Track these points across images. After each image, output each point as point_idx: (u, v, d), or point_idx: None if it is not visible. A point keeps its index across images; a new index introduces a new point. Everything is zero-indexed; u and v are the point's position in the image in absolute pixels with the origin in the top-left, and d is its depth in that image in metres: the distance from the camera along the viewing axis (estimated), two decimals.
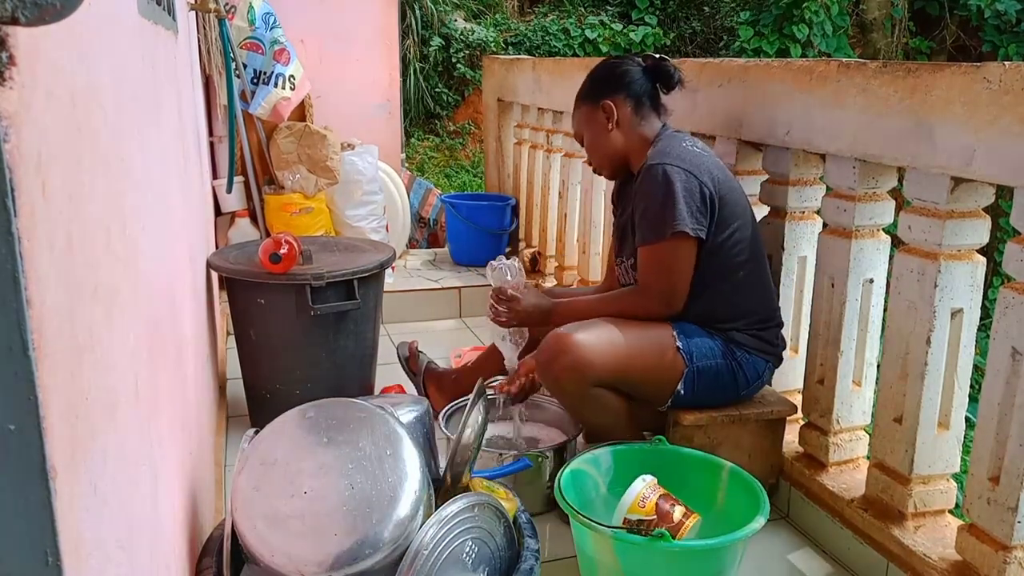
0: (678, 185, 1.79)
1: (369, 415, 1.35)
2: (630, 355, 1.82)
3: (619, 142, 1.99)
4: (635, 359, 1.83)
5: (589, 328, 1.84)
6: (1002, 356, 1.45)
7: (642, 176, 1.87)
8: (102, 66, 0.82)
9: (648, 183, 1.83)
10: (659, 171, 1.81)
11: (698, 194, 1.80)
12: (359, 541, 1.18)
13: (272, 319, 2.19)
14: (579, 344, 1.79)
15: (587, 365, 1.79)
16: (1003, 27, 8.06)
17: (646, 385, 1.88)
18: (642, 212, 1.86)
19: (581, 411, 1.94)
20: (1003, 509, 1.46)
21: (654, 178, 1.81)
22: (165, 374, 1.17)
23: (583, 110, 2.01)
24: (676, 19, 9.03)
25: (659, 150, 1.89)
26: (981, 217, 1.60)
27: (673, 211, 1.78)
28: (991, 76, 1.40)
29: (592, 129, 2.00)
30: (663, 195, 1.79)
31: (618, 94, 1.96)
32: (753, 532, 1.52)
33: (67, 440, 0.55)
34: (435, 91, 8.22)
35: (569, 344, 1.79)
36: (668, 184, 1.79)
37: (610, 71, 1.99)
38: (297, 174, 3.27)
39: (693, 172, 1.81)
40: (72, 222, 0.62)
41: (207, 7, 2.64)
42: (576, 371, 1.79)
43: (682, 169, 1.81)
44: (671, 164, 1.81)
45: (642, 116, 1.98)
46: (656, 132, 1.98)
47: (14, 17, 0.41)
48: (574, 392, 1.84)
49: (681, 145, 1.89)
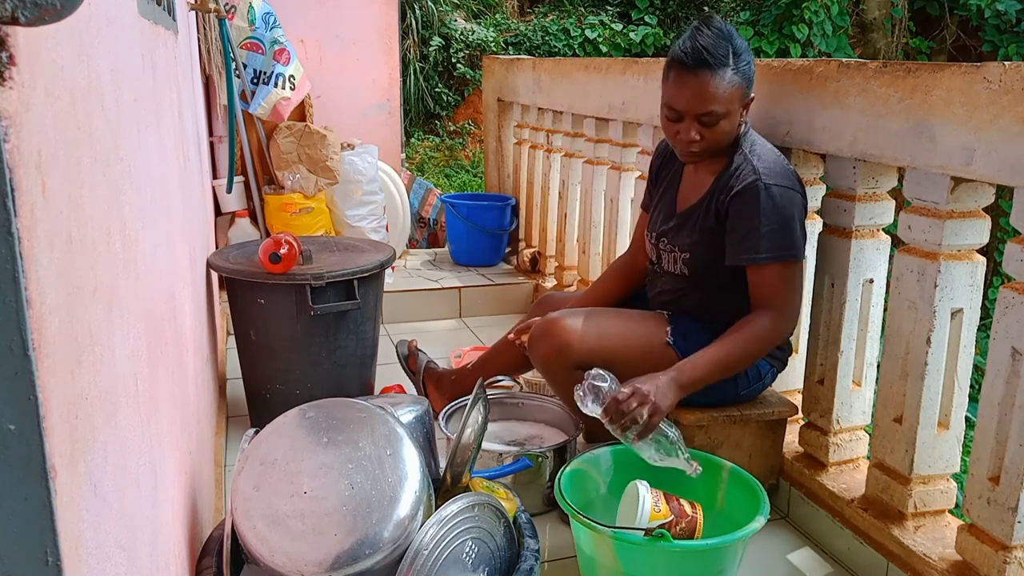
0: (796, 211, 1.76)
1: (369, 415, 1.35)
2: (615, 343, 1.86)
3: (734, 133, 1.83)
4: (620, 347, 1.86)
5: (578, 314, 1.89)
6: (1002, 356, 1.45)
7: (754, 192, 1.74)
8: (102, 66, 0.82)
9: (765, 202, 1.73)
10: (776, 192, 1.74)
11: (804, 216, 1.80)
12: (359, 541, 1.18)
13: (272, 319, 2.19)
14: (564, 328, 1.85)
15: (569, 348, 1.83)
16: (1003, 27, 8.06)
17: (634, 375, 1.88)
18: (757, 228, 1.74)
19: (567, 394, 1.94)
20: (1003, 509, 1.46)
21: (772, 198, 1.73)
22: (165, 374, 1.17)
23: (738, 92, 1.74)
24: (676, 19, 9.03)
25: (761, 160, 1.78)
26: (981, 217, 1.60)
27: (794, 236, 1.75)
28: (991, 76, 1.40)
29: (732, 110, 1.76)
30: (785, 218, 1.74)
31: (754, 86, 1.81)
32: (753, 532, 1.52)
33: (67, 440, 0.55)
34: (435, 91, 8.22)
35: (555, 327, 1.86)
36: (789, 208, 1.74)
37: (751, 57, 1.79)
38: (297, 174, 3.27)
39: (801, 192, 1.79)
40: (72, 222, 0.62)
41: (207, 7, 2.65)
42: (558, 353, 1.85)
43: (796, 192, 1.77)
44: (786, 187, 1.75)
45: None
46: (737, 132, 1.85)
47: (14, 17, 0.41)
48: (557, 374, 1.89)
49: (775, 155, 1.81)
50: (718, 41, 1.72)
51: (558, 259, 3.44)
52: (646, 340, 1.88)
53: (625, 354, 1.86)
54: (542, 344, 1.88)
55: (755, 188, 1.74)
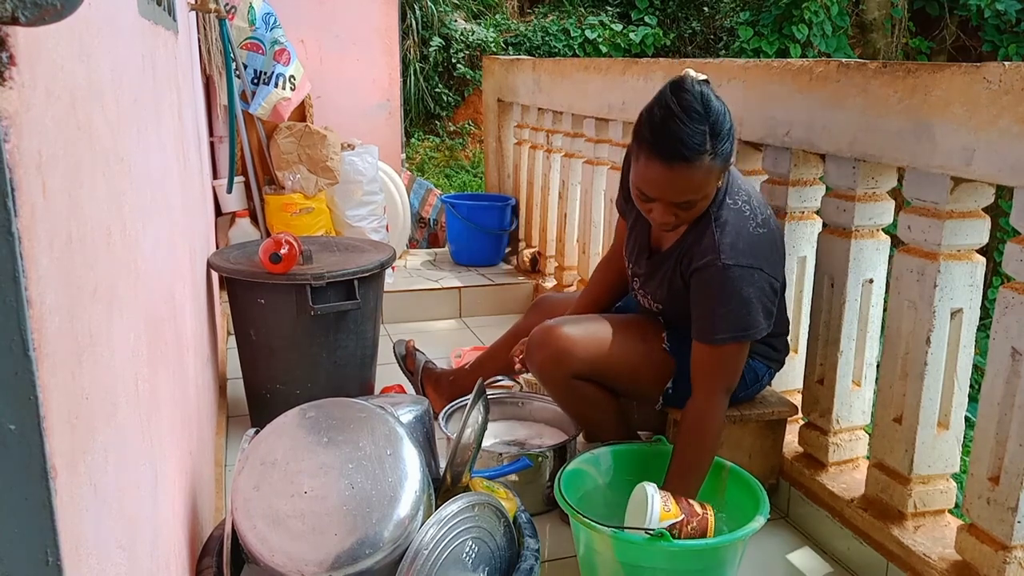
0: (755, 290, 1.66)
1: (369, 415, 1.35)
2: (612, 351, 1.84)
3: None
4: (618, 355, 1.85)
5: (576, 322, 1.89)
6: (1002, 356, 1.45)
7: (711, 273, 1.67)
8: (102, 66, 0.82)
9: (723, 283, 1.66)
10: (736, 274, 1.65)
11: (770, 291, 1.71)
12: (359, 541, 1.18)
13: (272, 319, 2.19)
14: (562, 336, 1.83)
15: (567, 356, 1.82)
16: (1003, 27, 8.06)
17: (633, 382, 1.89)
18: (713, 311, 1.68)
19: (565, 402, 1.96)
20: (1003, 509, 1.46)
21: (730, 280, 1.65)
22: (165, 374, 1.17)
23: (714, 172, 1.61)
24: (676, 19, 9.03)
25: (725, 233, 1.68)
26: (981, 217, 1.60)
27: (751, 316, 1.67)
28: (991, 76, 1.40)
29: (709, 192, 1.65)
30: (743, 300, 1.66)
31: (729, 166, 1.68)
32: (753, 532, 1.52)
33: (67, 440, 0.55)
34: (435, 91, 8.22)
35: (552, 335, 1.84)
36: (747, 288, 1.66)
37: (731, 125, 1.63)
38: (297, 174, 3.28)
39: (767, 271, 1.69)
40: (72, 222, 0.62)
41: (207, 7, 2.65)
42: (556, 361, 1.83)
43: (756, 270, 1.67)
44: (745, 266, 1.66)
45: None
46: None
47: (14, 17, 0.41)
48: (555, 382, 1.87)
49: (744, 222, 1.69)
50: (694, 127, 1.55)
51: (558, 259, 3.44)
52: (643, 347, 1.87)
53: (623, 361, 1.85)
54: (540, 352, 1.86)
55: (712, 268, 1.66)
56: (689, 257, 1.73)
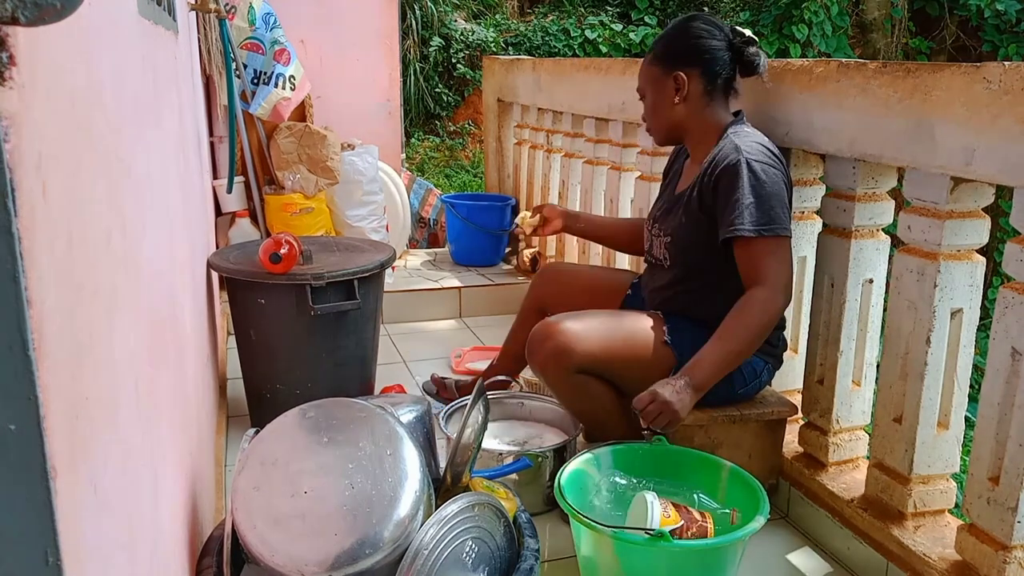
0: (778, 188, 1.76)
1: (369, 415, 1.35)
2: (614, 345, 1.85)
3: (680, 116, 1.91)
4: (620, 349, 1.85)
5: (576, 317, 1.89)
6: (1002, 356, 1.45)
7: (736, 169, 1.76)
8: (102, 66, 0.82)
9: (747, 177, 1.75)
10: (758, 169, 1.75)
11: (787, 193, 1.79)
12: (359, 541, 1.18)
13: (272, 319, 2.19)
14: (564, 331, 1.83)
15: (570, 351, 1.82)
16: (1003, 27, 8.06)
17: (634, 377, 1.88)
18: (739, 201, 1.75)
19: (568, 399, 1.95)
20: (1003, 509, 1.46)
21: (754, 174, 1.74)
22: (165, 374, 1.17)
23: (652, 71, 1.90)
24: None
25: (743, 140, 1.80)
26: (981, 217, 1.60)
27: (775, 211, 1.74)
28: (991, 76, 1.40)
29: (657, 95, 1.90)
30: (768, 194, 1.74)
31: (694, 68, 1.86)
32: (753, 532, 1.52)
33: (67, 440, 0.55)
34: (435, 91, 8.22)
35: (554, 331, 1.84)
36: (771, 184, 1.75)
37: (693, 39, 1.86)
38: (297, 174, 3.28)
39: (783, 172, 1.80)
40: (72, 222, 0.62)
41: (207, 7, 2.65)
42: (559, 356, 1.83)
43: (778, 171, 1.78)
44: (767, 164, 1.76)
45: (712, 98, 1.90)
46: (724, 121, 1.90)
47: (14, 17, 0.41)
48: (558, 377, 1.87)
49: (760, 139, 1.83)
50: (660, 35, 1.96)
51: (558, 259, 3.44)
52: (644, 340, 1.87)
53: (625, 354, 1.86)
54: (542, 349, 1.85)
55: (737, 165, 1.76)
56: (714, 167, 1.82)
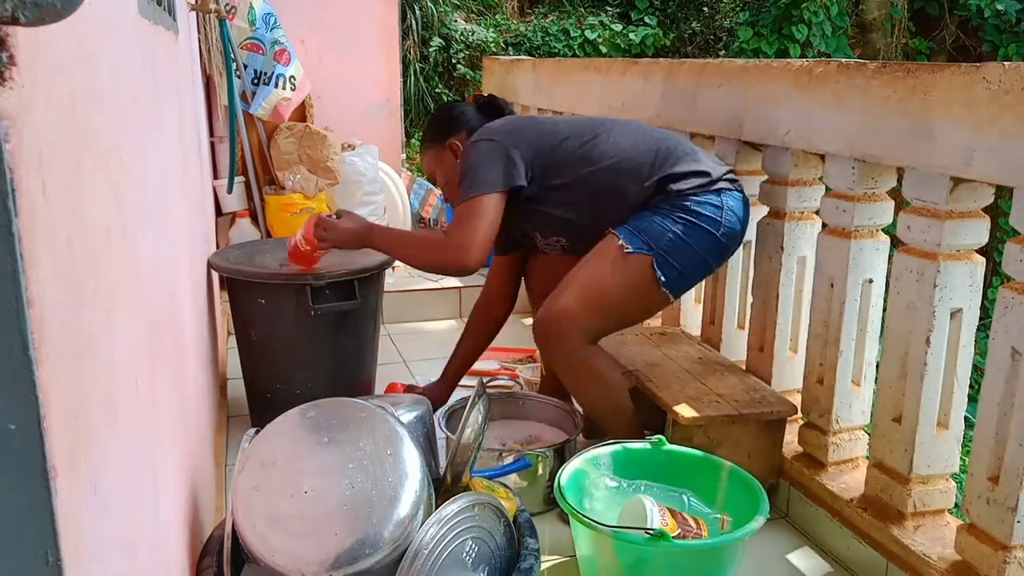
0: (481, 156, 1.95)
1: (369, 415, 1.35)
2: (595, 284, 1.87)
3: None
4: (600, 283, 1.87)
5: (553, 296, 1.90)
6: (1002, 356, 1.45)
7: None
8: (102, 66, 0.82)
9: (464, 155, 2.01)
10: (470, 147, 1.99)
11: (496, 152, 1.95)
12: (359, 541, 1.18)
13: (272, 319, 2.19)
14: (553, 309, 1.87)
15: (569, 318, 1.85)
16: (1003, 27, 8.05)
17: (632, 301, 1.91)
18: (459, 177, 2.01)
19: (579, 382, 1.95)
20: (1002, 509, 1.46)
21: (466, 152, 2.01)
22: (165, 374, 1.17)
23: (431, 153, 2.16)
24: (676, 20, 9.02)
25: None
26: (980, 217, 1.60)
27: (477, 177, 1.93)
28: (991, 76, 1.40)
29: (443, 168, 2.13)
30: (472, 164, 1.94)
31: (459, 133, 2.12)
32: (753, 532, 1.52)
33: (67, 440, 0.55)
34: (435, 91, 8.21)
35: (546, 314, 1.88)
36: (476, 155, 1.95)
37: (447, 115, 2.18)
38: (298, 174, 3.28)
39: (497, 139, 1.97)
40: (72, 222, 0.62)
41: (207, 7, 2.65)
42: (560, 328, 1.86)
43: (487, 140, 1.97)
44: (482, 139, 1.98)
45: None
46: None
47: (14, 17, 0.41)
48: (567, 355, 1.89)
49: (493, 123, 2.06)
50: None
51: None
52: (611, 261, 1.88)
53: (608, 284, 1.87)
54: (545, 334, 1.88)
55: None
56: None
